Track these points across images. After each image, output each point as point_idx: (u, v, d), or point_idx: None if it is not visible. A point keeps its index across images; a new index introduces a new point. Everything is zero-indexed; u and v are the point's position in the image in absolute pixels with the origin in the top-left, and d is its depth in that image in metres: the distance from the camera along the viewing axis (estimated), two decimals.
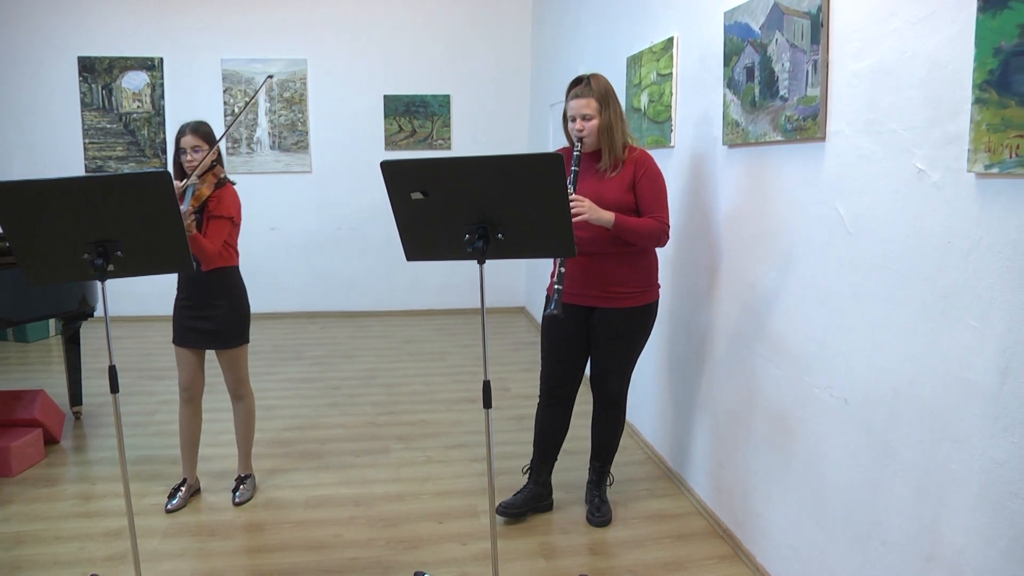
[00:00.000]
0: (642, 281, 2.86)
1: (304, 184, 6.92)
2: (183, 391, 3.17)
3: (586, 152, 2.82)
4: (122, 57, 6.63)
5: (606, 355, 2.93)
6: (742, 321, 2.82)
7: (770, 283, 2.60)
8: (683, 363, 3.39)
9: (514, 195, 2.04)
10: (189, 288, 3.09)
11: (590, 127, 2.76)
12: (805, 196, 2.37)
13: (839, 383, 2.22)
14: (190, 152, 3.02)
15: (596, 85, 2.78)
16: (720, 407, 3.02)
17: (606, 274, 2.82)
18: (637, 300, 2.85)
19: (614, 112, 2.78)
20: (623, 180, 2.78)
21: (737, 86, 2.74)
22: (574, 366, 2.97)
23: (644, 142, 3.71)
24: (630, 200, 2.77)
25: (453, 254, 2.16)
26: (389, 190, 2.10)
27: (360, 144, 6.91)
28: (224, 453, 3.72)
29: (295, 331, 6.49)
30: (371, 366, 5.38)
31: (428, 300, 7.23)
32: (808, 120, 2.28)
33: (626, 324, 2.87)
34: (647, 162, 2.81)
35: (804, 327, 2.40)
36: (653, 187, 2.79)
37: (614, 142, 2.78)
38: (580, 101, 2.77)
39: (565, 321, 2.90)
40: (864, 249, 2.09)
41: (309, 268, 7.03)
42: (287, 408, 4.45)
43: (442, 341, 6.15)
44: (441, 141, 7.05)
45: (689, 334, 3.31)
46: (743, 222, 2.79)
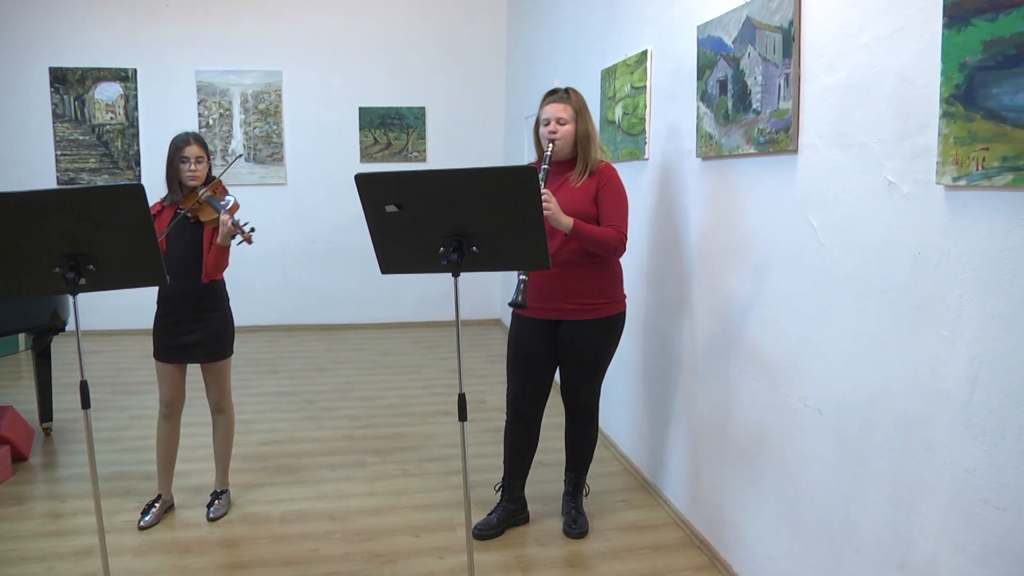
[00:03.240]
0: (609, 292, 2.86)
1: (279, 196, 6.86)
2: (165, 407, 3.10)
3: (556, 159, 2.81)
4: (95, 68, 6.54)
5: (576, 367, 2.92)
6: (717, 332, 2.82)
7: (744, 294, 2.61)
8: (659, 374, 3.38)
9: (488, 208, 2.04)
10: (181, 302, 3.00)
11: (564, 131, 2.77)
12: (778, 208, 2.38)
13: (813, 393, 2.22)
14: (194, 163, 2.95)
15: (574, 95, 2.82)
16: (696, 418, 3.02)
17: (572, 285, 2.81)
18: (605, 311, 2.85)
19: (590, 124, 2.81)
20: (587, 191, 2.79)
21: (710, 99, 2.75)
22: (541, 383, 2.96)
23: (618, 154, 3.73)
24: (593, 212, 2.78)
25: (428, 267, 2.15)
26: (364, 203, 2.09)
27: (335, 156, 6.87)
28: (199, 468, 3.64)
29: (271, 345, 6.43)
30: (347, 379, 5.34)
31: (404, 313, 7.19)
32: (780, 133, 2.30)
33: (595, 335, 2.86)
34: (611, 174, 2.83)
35: (778, 338, 2.40)
36: (614, 198, 2.80)
37: (590, 152, 2.80)
38: (557, 105, 2.79)
39: (530, 336, 2.89)
40: (837, 260, 2.10)
41: (285, 281, 6.96)
42: (263, 422, 4.39)
43: (418, 354, 6.12)
44: (416, 153, 7.04)
45: (664, 345, 3.31)
46: (717, 234, 2.80)
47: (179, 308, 3.01)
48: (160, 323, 3.06)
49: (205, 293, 3.01)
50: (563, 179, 2.84)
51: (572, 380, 2.95)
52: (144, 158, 6.62)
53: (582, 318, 2.84)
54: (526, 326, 2.91)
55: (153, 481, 3.37)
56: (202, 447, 3.83)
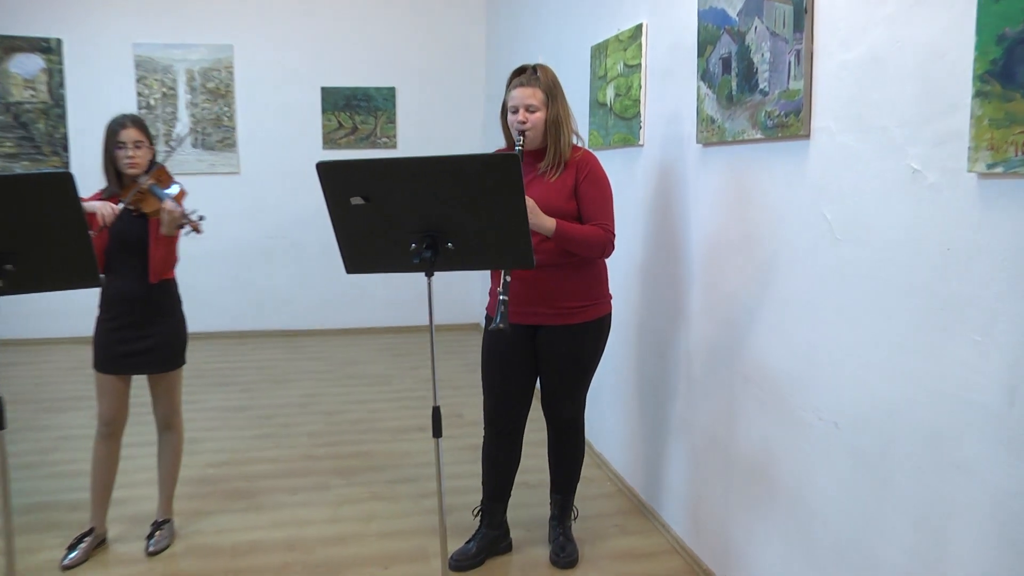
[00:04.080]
0: (592, 293, 2.84)
1: (231, 187, 6.78)
2: (105, 425, 3.02)
3: (526, 149, 2.79)
4: (9, 36, 6.35)
5: (557, 376, 2.90)
6: (719, 338, 2.81)
7: (750, 296, 2.60)
8: (655, 384, 3.37)
9: (466, 200, 2.03)
10: (127, 306, 2.93)
11: (534, 120, 2.74)
12: (787, 200, 2.37)
13: (827, 405, 2.22)
14: (131, 148, 2.88)
15: (543, 76, 2.77)
16: (697, 433, 3.01)
17: (552, 288, 2.79)
18: (588, 314, 2.84)
19: (562, 107, 2.78)
20: (565, 184, 2.76)
21: (712, 79, 2.74)
22: (520, 393, 2.94)
23: (610, 140, 3.71)
24: (573, 207, 2.76)
25: (398, 266, 2.15)
26: (326, 194, 2.08)
27: (295, 142, 6.82)
28: (138, 495, 3.57)
29: (221, 354, 6.37)
30: (308, 392, 5.31)
31: (371, 317, 7.15)
32: (790, 116, 2.29)
33: (578, 341, 2.85)
34: (591, 164, 2.79)
35: (788, 344, 2.40)
36: (597, 191, 2.77)
37: (560, 140, 2.77)
38: (525, 90, 2.74)
39: (507, 343, 2.87)
40: (853, 257, 2.09)
41: (236, 282, 6.89)
42: (212, 441, 4.34)
43: (387, 363, 6.11)
44: (385, 139, 6.99)
45: (661, 352, 3.30)
46: (719, 228, 2.79)
47: (126, 312, 2.94)
48: (103, 330, 2.97)
49: (155, 295, 2.95)
50: (533, 172, 2.80)
51: (554, 391, 2.94)
52: (73, 142, 6.48)
53: (562, 323, 2.82)
54: (502, 332, 2.86)
55: (82, 512, 3.29)
56: (142, 470, 3.76)
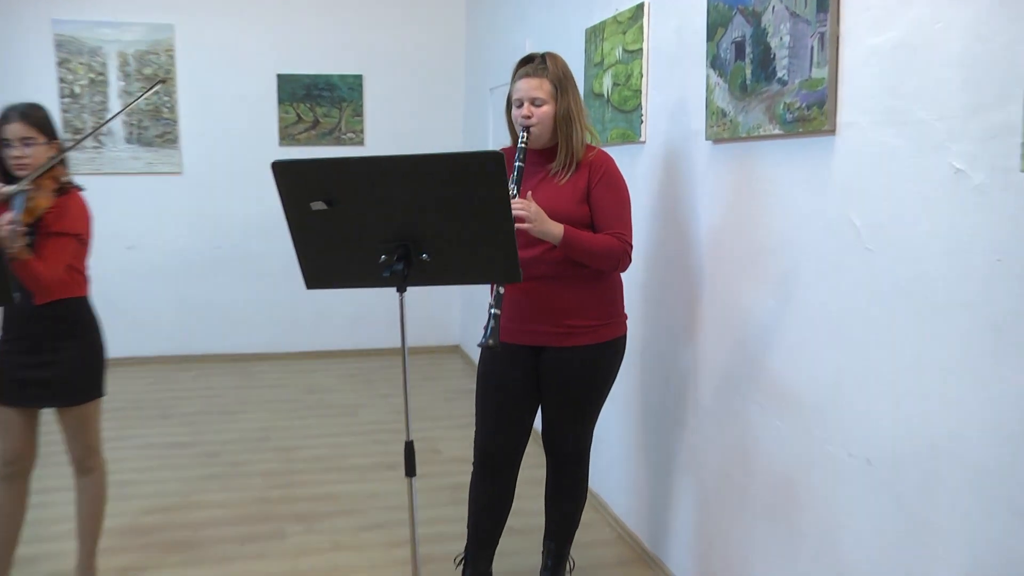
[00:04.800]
0: (604, 311, 2.85)
1: (173, 189, 6.76)
2: (6, 466, 2.96)
3: (533, 147, 2.81)
4: None
5: (562, 407, 2.90)
6: (733, 361, 2.81)
7: (767, 313, 2.60)
8: (660, 415, 3.37)
9: (444, 205, 2.04)
10: (19, 327, 2.88)
11: (541, 114, 2.76)
12: (810, 204, 2.38)
13: (859, 438, 2.21)
14: (18, 145, 2.82)
15: (553, 66, 2.79)
16: (708, 471, 3.01)
17: (557, 304, 2.79)
18: (598, 335, 2.83)
19: (574, 101, 2.80)
20: (576, 188, 2.77)
21: (724, 66, 2.75)
22: (518, 425, 2.94)
23: (607, 136, 3.72)
24: (584, 213, 2.77)
25: (366, 280, 2.15)
26: (283, 198, 2.08)
27: (246, 138, 6.82)
28: (54, 550, 3.51)
29: (161, 381, 6.35)
30: (262, 425, 5.30)
31: (336, 339, 7.15)
32: (813, 109, 2.30)
33: (585, 367, 2.85)
34: (606, 165, 2.81)
35: (812, 368, 2.39)
36: (613, 196, 2.79)
37: (573, 137, 2.79)
38: (531, 81, 2.77)
39: (506, 365, 2.87)
40: (887, 270, 2.09)
41: (180, 299, 6.87)
42: (149, 484, 4.31)
43: (354, 391, 6.11)
44: (351, 135, 7.00)
45: (667, 378, 3.30)
46: (732, 237, 2.80)
47: (25, 333, 2.89)
48: (1, 352, 2.93)
49: (57, 314, 2.88)
50: (543, 173, 2.82)
51: (557, 423, 2.94)
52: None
53: (570, 344, 2.82)
54: (501, 353, 2.89)
55: None
56: (60, 520, 3.71)
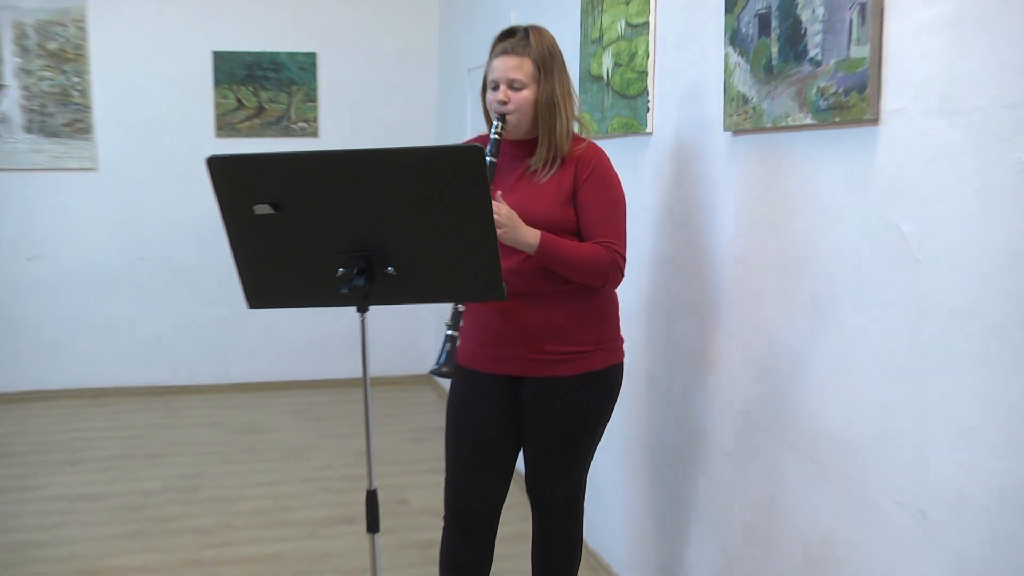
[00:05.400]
0: (594, 334, 2.86)
1: (85, 188, 6.76)
2: None
3: (509, 138, 2.81)
4: None
5: (547, 448, 2.91)
6: (758, 393, 2.82)
7: (799, 337, 2.61)
8: (670, 457, 3.37)
9: (413, 209, 2.04)
10: None
11: (519, 100, 2.76)
12: (849, 207, 2.38)
13: (910, 486, 2.20)
14: None
15: (537, 42, 2.79)
16: (729, 523, 3.01)
17: (537, 325, 2.80)
18: (588, 363, 2.84)
19: (560, 85, 2.80)
20: (560, 187, 2.78)
21: (746, 43, 2.76)
22: (496, 471, 2.95)
23: (607, 126, 3.73)
24: (568, 217, 2.78)
25: (320, 298, 2.15)
26: (220, 200, 2.07)
27: (176, 128, 6.81)
28: None
29: (69, 420, 6.29)
30: (192, 471, 5.27)
31: (283, 367, 7.13)
32: (852, 94, 2.30)
33: (573, 401, 2.85)
34: (596, 160, 2.82)
35: (853, 401, 2.39)
36: (603, 197, 2.80)
37: (557, 129, 2.79)
38: (510, 60, 2.77)
39: (480, 400, 2.88)
40: (940, 284, 2.09)
41: (93, 321, 6.85)
42: (54, 545, 4.27)
43: (304, 429, 6.07)
44: (303, 124, 7.00)
45: (679, 414, 3.30)
46: (756, 246, 2.80)
47: None
48: None
49: None
50: (520, 170, 2.83)
51: (543, 468, 2.94)
52: None
53: (555, 374, 2.82)
54: (473, 385, 2.89)
55: None
56: None
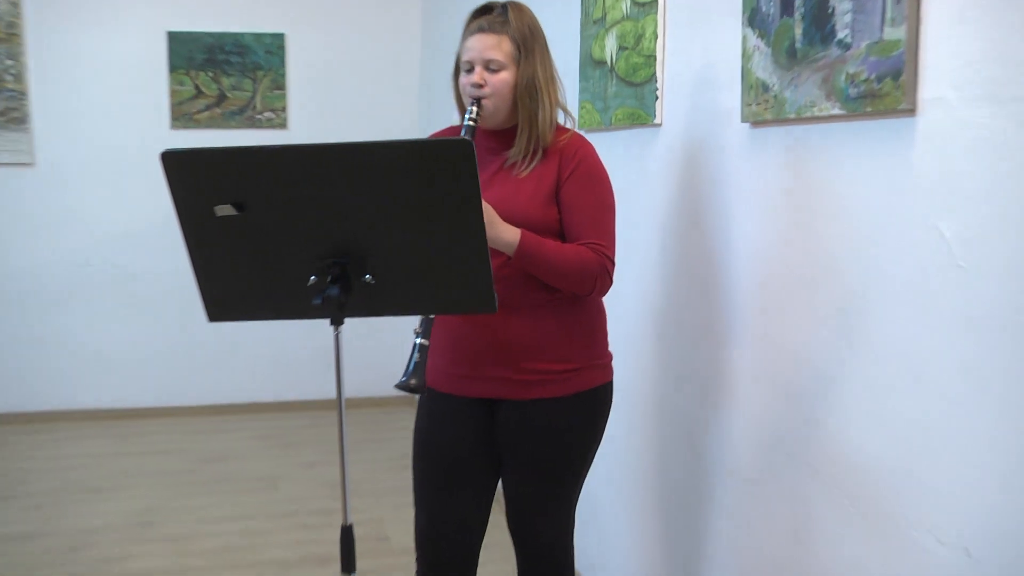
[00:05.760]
0: (580, 351, 2.88)
1: (21, 186, 6.78)
2: None
3: (486, 128, 2.83)
4: None
5: (529, 480, 2.94)
6: (782, 418, 2.82)
7: (826, 353, 2.61)
8: (683, 490, 3.38)
9: (394, 210, 2.07)
10: None
11: (497, 82, 2.77)
12: (882, 207, 2.38)
13: (953, 521, 2.20)
14: None
15: (516, 19, 2.81)
16: (750, 564, 3.01)
17: (516, 341, 2.81)
18: (573, 383, 2.87)
19: (542, 67, 2.83)
20: (542, 182, 2.80)
21: (766, 24, 2.76)
22: (470, 497, 2.97)
23: (610, 117, 3.74)
24: (551, 216, 2.80)
25: (289, 310, 2.18)
26: (177, 200, 2.08)
27: (126, 118, 6.84)
28: None
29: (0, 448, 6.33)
30: (144, 505, 5.27)
31: (247, 388, 7.16)
32: (886, 81, 2.30)
33: (562, 425, 2.87)
34: (581, 152, 2.85)
35: (889, 426, 2.39)
36: (590, 194, 2.82)
37: (539, 116, 2.81)
38: (487, 38, 2.78)
39: (451, 425, 2.90)
40: (986, 295, 2.09)
41: (31, 335, 6.86)
42: None
43: (272, 457, 6.11)
44: (270, 115, 7.01)
45: (692, 442, 3.31)
46: (777, 251, 2.81)
47: None
48: None
49: None
50: (498, 163, 2.85)
51: (524, 502, 2.96)
52: None
53: (539, 395, 2.84)
54: (443, 409, 2.91)
55: None
56: None
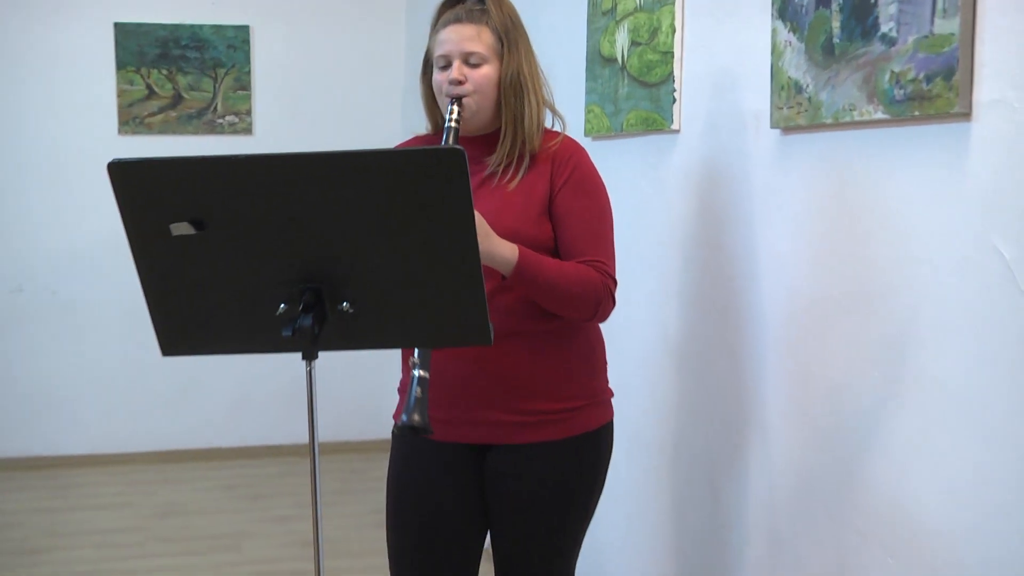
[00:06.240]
0: (582, 386, 2.90)
1: None
2: None
3: (467, 132, 2.83)
4: None
5: (525, 537, 2.94)
6: (818, 464, 2.83)
7: (870, 391, 2.61)
8: (705, 544, 3.39)
9: (375, 228, 2.08)
10: None
11: (480, 79, 2.79)
12: (933, 225, 2.39)
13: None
14: None
15: (496, 7, 2.83)
16: None
17: (511, 376, 2.82)
18: (576, 424, 2.88)
19: (527, 62, 2.85)
20: (533, 194, 2.82)
21: (799, 15, 2.78)
22: (455, 567, 2.98)
23: (621, 122, 3.76)
24: (544, 233, 2.82)
25: (255, 342, 2.20)
26: (126, 217, 2.08)
27: (68, 122, 6.88)
28: None
29: None
30: (87, 569, 5.27)
31: (207, 431, 7.17)
32: (937, 81, 2.30)
33: (563, 472, 2.89)
34: (575, 159, 2.86)
35: (939, 475, 2.39)
36: (587, 205, 2.84)
37: (525, 117, 2.82)
38: (465, 29, 2.80)
39: (433, 474, 2.92)
40: None
41: None
42: None
43: (236, 511, 6.12)
44: (233, 118, 7.02)
45: (715, 491, 3.32)
46: (812, 274, 2.82)
47: None
48: None
49: None
50: (480, 174, 2.85)
51: (518, 562, 2.97)
52: None
53: (537, 439, 2.85)
54: (421, 454, 2.92)
55: None
56: None
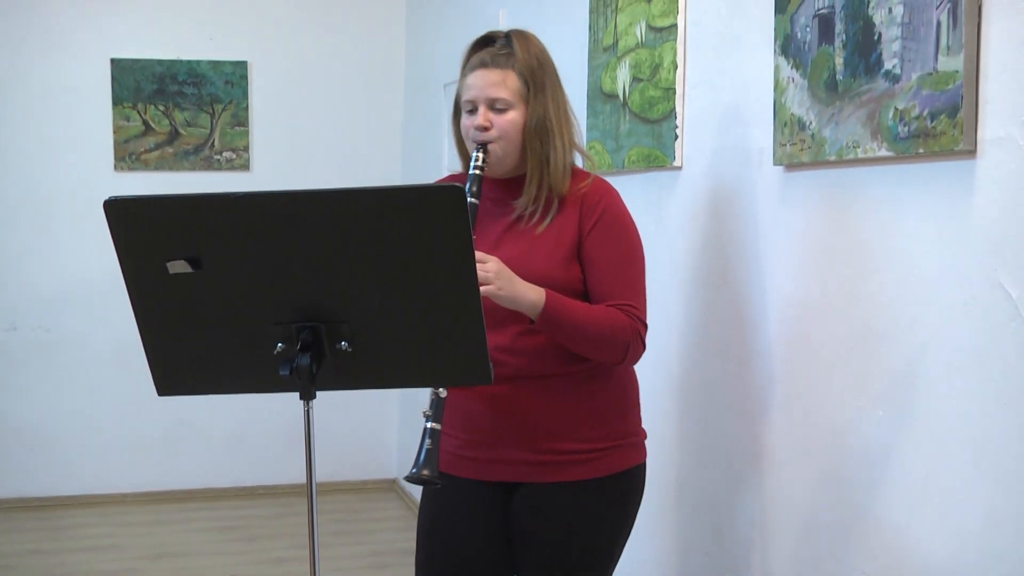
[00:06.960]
0: (611, 428, 2.89)
1: None
2: None
3: (493, 176, 2.83)
4: None
5: (546, 572, 2.91)
6: (823, 506, 2.82)
7: (875, 431, 2.60)
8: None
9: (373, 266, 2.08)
10: None
11: (504, 124, 2.79)
12: (939, 263, 2.38)
13: None
14: None
15: (522, 50, 2.83)
16: None
17: (538, 417, 2.82)
18: (606, 464, 2.87)
19: (555, 104, 2.84)
20: (562, 237, 2.81)
21: (802, 53, 2.78)
22: None
23: (623, 158, 3.77)
24: (574, 277, 2.81)
25: (252, 382, 2.20)
26: (122, 255, 2.08)
27: (62, 158, 6.86)
28: None
29: None
30: None
31: (201, 472, 7.14)
32: (942, 118, 2.30)
33: (588, 513, 2.87)
34: (605, 200, 2.86)
35: (949, 517, 2.37)
36: (617, 247, 2.83)
37: (551, 161, 2.82)
38: (490, 74, 2.81)
39: (461, 514, 2.91)
40: None
41: None
42: None
43: (231, 553, 6.09)
44: (230, 155, 7.02)
45: (718, 531, 3.31)
46: (817, 312, 2.81)
47: None
48: None
49: None
50: (508, 218, 2.85)
51: None
52: None
53: (562, 479, 2.84)
54: (452, 495, 2.90)
55: None
56: None
